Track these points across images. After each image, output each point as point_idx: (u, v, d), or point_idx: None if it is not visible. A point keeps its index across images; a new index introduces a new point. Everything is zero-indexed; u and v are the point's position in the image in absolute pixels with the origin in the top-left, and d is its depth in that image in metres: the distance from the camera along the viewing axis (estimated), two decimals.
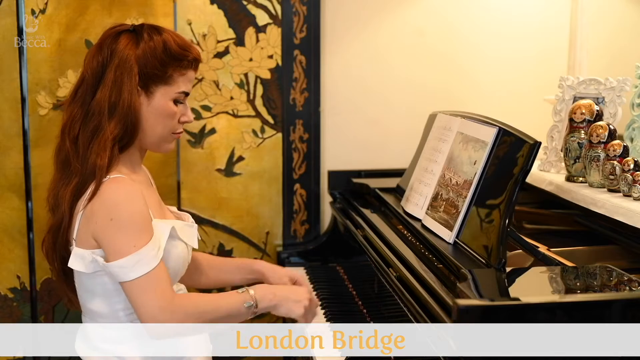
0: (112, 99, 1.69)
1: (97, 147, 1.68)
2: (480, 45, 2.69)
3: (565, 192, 1.93)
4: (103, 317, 1.73)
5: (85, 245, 1.67)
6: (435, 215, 1.85)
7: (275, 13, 2.53)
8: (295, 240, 2.64)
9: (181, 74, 1.75)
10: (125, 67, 1.70)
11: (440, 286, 1.49)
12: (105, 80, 1.71)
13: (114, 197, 1.64)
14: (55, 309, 2.41)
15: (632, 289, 1.42)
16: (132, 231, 1.62)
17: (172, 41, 1.74)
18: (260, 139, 2.58)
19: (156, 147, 1.80)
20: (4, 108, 2.27)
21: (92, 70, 1.73)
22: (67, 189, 1.70)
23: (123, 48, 1.71)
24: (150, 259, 1.62)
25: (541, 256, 1.68)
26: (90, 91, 1.72)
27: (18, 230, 2.32)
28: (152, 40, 1.72)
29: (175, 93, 1.75)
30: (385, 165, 2.65)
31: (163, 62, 1.72)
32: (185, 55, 1.75)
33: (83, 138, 1.70)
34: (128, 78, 1.70)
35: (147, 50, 1.71)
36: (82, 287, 1.74)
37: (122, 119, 1.69)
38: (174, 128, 1.78)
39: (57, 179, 1.76)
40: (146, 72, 1.71)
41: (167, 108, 1.75)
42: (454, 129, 1.94)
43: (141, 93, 1.72)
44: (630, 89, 2.06)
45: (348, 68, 2.64)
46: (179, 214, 1.88)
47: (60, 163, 1.75)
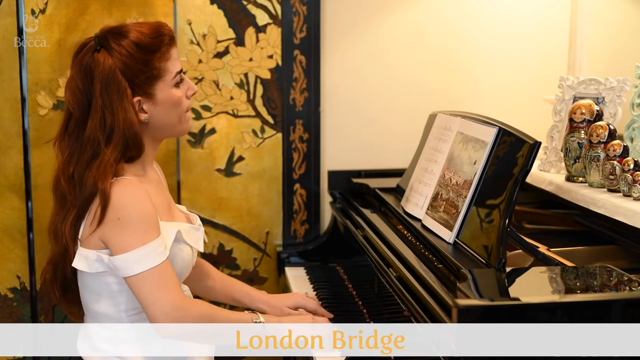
0: (107, 123, 1.65)
1: (96, 173, 1.63)
2: (480, 45, 2.69)
3: (565, 192, 1.93)
4: (106, 317, 1.73)
5: (91, 245, 1.67)
6: (435, 215, 1.85)
7: (275, 13, 2.53)
8: (295, 240, 2.64)
9: (166, 59, 1.70)
10: (111, 84, 1.64)
11: (440, 286, 1.49)
12: (94, 108, 1.65)
13: (121, 198, 1.63)
14: (55, 309, 2.42)
15: (632, 289, 1.42)
16: (139, 229, 1.62)
17: (141, 36, 1.68)
18: (260, 139, 2.58)
19: (177, 133, 1.80)
20: (4, 108, 2.27)
21: (77, 101, 1.68)
22: (65, 222, 1.68)
23: (101, 68, 1.65)
24: (157, 255, 1.62)
25: (541, 256, 1.68)
26: (80, 124, 1.68)
27: (18, 230, 2.33)
28: (123, 47, 1.66)
29: (171, 80, 1.72)
30: (385, 165, 2.65)
31: (146, 61, 1.67)
32: (160, 41, 1.69)
33: (79, 171, 1.66)
34: (118, 95, 1.65)
35: (124, 59, 1.66)
36: (86, 288, 1.74)
37: (121, 139, 1.65)
38: (186, 107, 1.77)
39: (56, 211, 1.74)
40: (136, 80, 1.67)
41: (173, 97, 1.73)
42: (454, 129, 1.94)
43: (143, 100, 1.69)
44: (630, 89, 2.06)
45: (348, 68, 2.64)
46: (187, 214, 1.88)
47: (58, 197, 1.73)
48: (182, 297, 1.65)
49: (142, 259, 1.61)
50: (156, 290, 1.62)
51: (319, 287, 2.26)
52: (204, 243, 1.84)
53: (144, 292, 1.62)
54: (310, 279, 2.36)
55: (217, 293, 2.04)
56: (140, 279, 1.61)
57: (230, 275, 2.41)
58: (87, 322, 1.79)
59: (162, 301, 1.61)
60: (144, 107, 1.70)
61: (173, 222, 1.76)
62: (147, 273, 1.61)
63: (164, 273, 1.63)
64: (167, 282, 1.63)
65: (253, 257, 2.63)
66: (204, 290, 2.03)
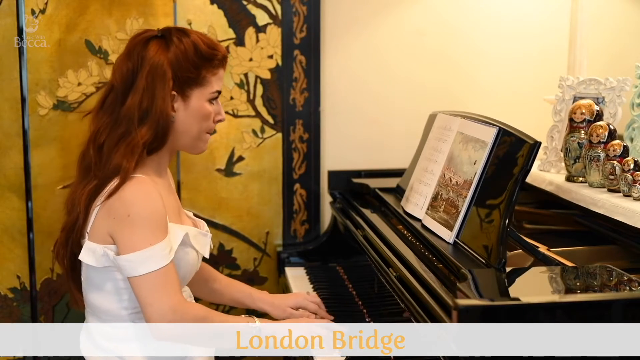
0: (143, 105, 1.69)
1: (124, 150, 1.68)
2: (480, 45, 2.69)
3: (565, 192, 1.93)
4: (106, 314, 1.73)
5: (98, 240, 1.68)
6: (435, 215, 1.85)
7: (275, 13, 2.53)
8: (295, 240, 2.64)
9: (213, 73, 1.76)
10: (157, 73, 1.70)
11: (440, 286, 1.49)
12: (136, 87, 1.70)
13: (133, 195, 1.65)
14: (55, 309, 2.42)
15: (632, 289, 1.42)
16: (147, 228, 1.63)
17: (201, 42, 1.74)
18: (260, 139, 2.58)
19: (191, 148, 1.81)
20: (4, 108, 2.27)
21: (122, 77, 1.72)
22: (84, 190, 1.70)
23: (154, 54, 1.71)
24: (161, 257, 1.63)
25: (541, 256, 1.68)
26: (119, 99, 1.72)
27: (18, 230, 2.33)
28: (182, 44, 1.72)
29: (209, 93, 1.76)
30: (385, 165, 2.65)
31: (196, 65, 1.73)
32: (215, 55, 1.75)
33: (109, 144, 1.70)
34: (161, 84, 1.70)
35: (179, 54, 1.71)
36: (89, 282, 1.74)
37: (153, 124, 1.69)
38: (209, 128, 1.80)
39: (77, 182, 1.77)
40: (181, 76, 1.72)
41: (204, 109, 1.76)
42: (454, 129, 1.94)
43: (177, 98, 1.73)
44: (630, 89, 2.06)
45: (348, 68, 2.64)
46: (195, 220, 1.89)
47: (82, 169, 1.76)
48: (181, 300, 1.65)
49: (147, 260, 1.62)
50: (156, 291, 1.63)
51: (319, 287, 2.26)
52: (210, 249, 1.86)
53: (143, 293, 1.63)
54: (310, 279, 2.36)
55: (222, 296, 2.05)
56: (143, 280, 1.62)
57: (230, 276, 2.41)
58: (88, 317, 1.79)
59: (160, 303, 1.62)
60: (175, 104, 1.74)
61: (182, 225, 1.77)
62: (150, 275, 1.62)
63: (166, 275, 1.64)
64: (168, 284, 1.64)
65: (253, 257, 2.63)
66: (208, 293, 2.04)
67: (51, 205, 2.36)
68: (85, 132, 1.81)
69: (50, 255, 2.38)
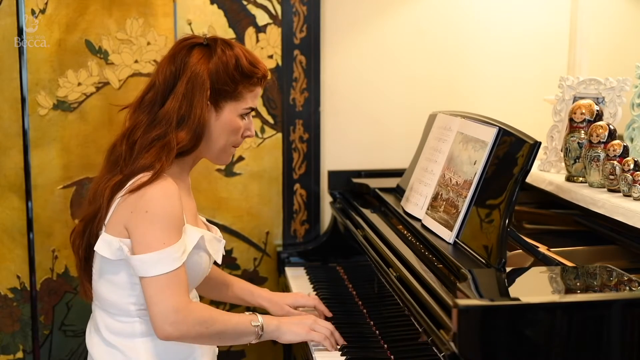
0: (182, 110, 1.71)
1: (158, 151, 1.69)
2: (480, 45, 2.69)
3: (565, 192, 1.93)
4: (114, 307, 1.74)
5: (115, 232, 1.69)
6: (435, 215, 1.85)
7: (275, 13, 2.53)
8: (295, 240, 2.64)
9: (250, 90, 1.78)
10: (197, 81, 1.72)
11: (440, 286, 1.49)
12: (176, 92, 1.73)
13: (154, 193, 1.66)
14: (55, 309, 2.42)
15: (632, 289, 1.42)
16: (163, 227, 1.64)
17: (243, 58, 1.76)
18: (260, 139, 2.58)
19: (215, 159, 1.83)
20: (4, 108, 2.27)
21: (164, 79, 1.75)
22: (108, 183, 1.72)
23: (196, 62, 1.73)
24: (173, 260, 1.64)
25: (541, 256, 1.68)
26: (159, 99, 1.74)
27: (18, 230, 2.33)
28: (225, 56, 1.74)
29: (242, 109, 1.78)
30: (385, 165, 2.65)
31: (234, 79, 1.75)
32: (255, 73, 1.77)
33: (141, 143, 1.72)
34: (200, 92, 1.72)
35: (219, 65, 1.73)
36: (101, 274, 1.75)
37: (191, 130, 1.72)
38: (235, 142, 1.82)
39: (102, 174, 1.78)
40: (217, 88, 1.74)
41: (234, 123, 1.78)
42: (454, 129, 1.94)
43: (210, 108, 1.75)
44: (630, 89, 2.06)
45: (348, 68, 2.64)
46: (209, 226, 1.90)
47: (110, 162, 1.78)
48: (186, 302, 1.65)
49: (159, 262, 1.63)
50: (163, 292, 1.63)
51: (319, 287, 2.26)
52: (222, 256, 1.87)
53: (150, 292, 1.64)
54: (310, 279, 2.36)
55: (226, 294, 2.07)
56: (152, 280, 1.63)
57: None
58: (95, 311, 1.80)
59: (165, 303, 1.63)
60: (209, 113, 1.76)
61: (198, 228, 1.78)
62: (161, 276, 1.63)
63: (176, 278, 1.65)
64: (176, 286, 1.64)
65: (253, 257, 2.63)
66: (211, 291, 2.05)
67: (51, 205, 2.36)
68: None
69: (50, 255, 2.39)
